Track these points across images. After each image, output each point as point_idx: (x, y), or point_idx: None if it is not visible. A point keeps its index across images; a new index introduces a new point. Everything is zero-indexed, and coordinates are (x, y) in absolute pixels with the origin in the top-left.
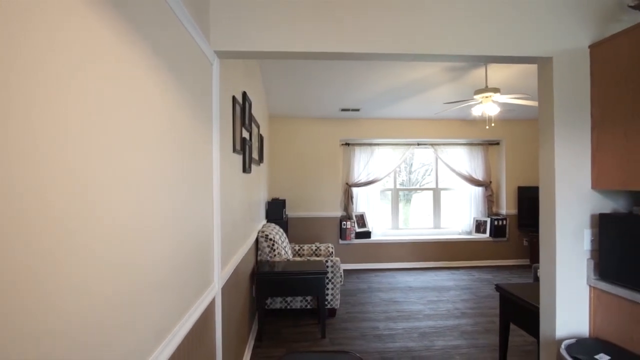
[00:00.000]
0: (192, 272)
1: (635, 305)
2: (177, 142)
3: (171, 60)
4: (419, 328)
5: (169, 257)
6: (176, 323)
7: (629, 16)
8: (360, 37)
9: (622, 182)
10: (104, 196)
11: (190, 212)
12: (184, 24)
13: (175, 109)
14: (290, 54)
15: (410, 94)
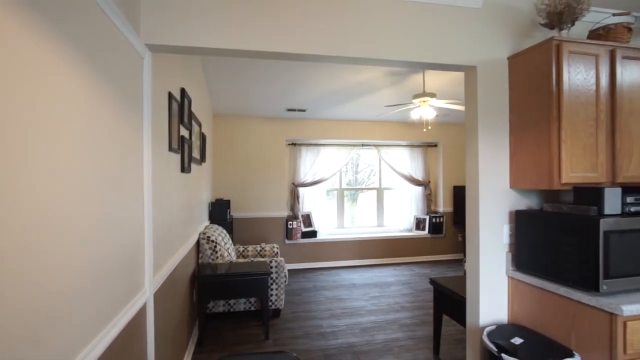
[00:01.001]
0: (117, 278)
1: (544, 292)
2: (96, 138)
3: (91, 53)
4: (361, 324)
5: (88, 264)
6: (95, 335)
7: (540, 33)
8: (300, 38)
9: (533, 183)
10: (6, 198)
11: (113, 214)
12: (107, 13)
13: (96, 105)
14: (228, 51)
15: (354, 96)
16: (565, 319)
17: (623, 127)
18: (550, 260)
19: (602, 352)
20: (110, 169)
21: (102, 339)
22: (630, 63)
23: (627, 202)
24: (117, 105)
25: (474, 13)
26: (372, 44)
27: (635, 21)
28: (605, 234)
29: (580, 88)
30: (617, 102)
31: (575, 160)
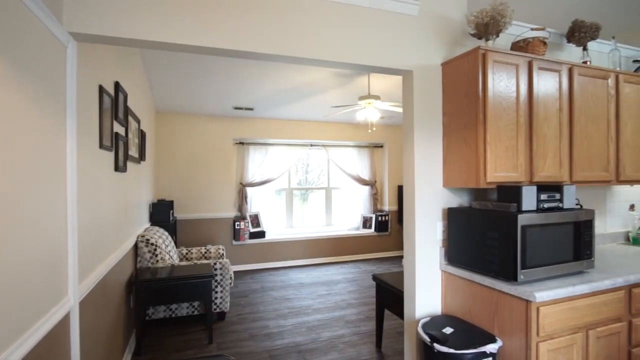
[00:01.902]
0: (29, 287)
1: (472, 283)
2: (3, 134)
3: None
4: (308, 322)
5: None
6: (3, 350)
7: (470, 42)
8: (238, 34)
9: (463, 182)
10: None
11: (26, 217)
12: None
13: (5, 98)
14: (161, 44)
15: (302, 96)
16: (490, 307)
17: (539, 131)
18: (478, 253)
19: (519, 335)
20: (22, 168)
21: (12, 352)
22: (545, 73)
23: (541, 199)
24: (32, 98)
25: (411, 21)
26: (312, 44)
27: (549, 36)
28: (523, 228)
29: (503, 95)
30: (534, 108)
31: (498, 161)
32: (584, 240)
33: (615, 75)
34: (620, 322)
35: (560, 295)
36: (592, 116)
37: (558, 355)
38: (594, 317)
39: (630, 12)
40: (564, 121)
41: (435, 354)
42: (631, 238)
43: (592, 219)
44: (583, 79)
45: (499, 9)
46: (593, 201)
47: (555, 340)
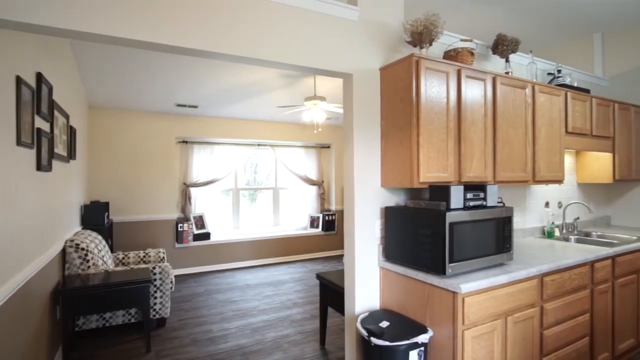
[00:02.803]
0: None
1: (407, 278)
2: None
3: None
4: (253, 324)
5: None
6: None
7: (407, 49)
8: (173, 29)
9: (398, 182)
10: None
11: None
12: None
13: None
14: (84, 34)
15: (249, 95)
16: (422, 300)
17: (466, 135)
18: (412, 249)
19: (447, 325)
20: None
21: None
22: (472, 81)
23: (467, 197)
24: None
25: (351, 25)
26: (252, 43)
27: (477, 47)
28: (450, 225)
29: (435, 100)
30: (462, 113)
31: (430, 162)
32: (504, 235)
33: (532, 85)
34: (534, 307)
35: (483, 286)
36: (513, 122)
37: (481, 341)
38: (512, 304)
39: (546, 30)
40: (488, 126)
41: (373, 347)
42: (546, 232)
43: (511, 216)
44: (505, 88)
45: (431, 19)
46: (515, 199)
47: (478, 327)
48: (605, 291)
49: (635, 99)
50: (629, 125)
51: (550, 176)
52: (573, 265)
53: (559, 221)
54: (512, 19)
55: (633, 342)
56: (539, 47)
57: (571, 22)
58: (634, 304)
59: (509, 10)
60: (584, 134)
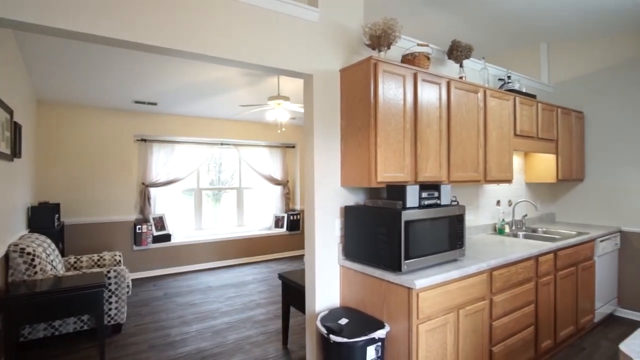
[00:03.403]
0: None
1: (365, 276)
2: None
3: None
4: (214, 326)
5: None
6: None
7: (366, 51)
8: (131, 24)
9: (357, 181)
10: None
11: None
12: None
13: None
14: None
15: (212, 93)
16: (380, 296)
17: (422, 136)
18: (370, 247)
19: (403, 320)
20: None
21: None
22: (427, 85)
23: (422, 197)
24: None
25: (311, 26)
26: (211, 41)
27: (433, 52)
28: (406, 223)
29: (392, 102)
30: (418, 115)
31: (387, 163)
32: (457, 232)
33: (484, 90)
34: (484, 300)
35: (437, 281)
36: (466, 125)
37: (434, 334)
38: (464, 297)
39: (498, 37)
40: (443, 128)
41: (332, 344)
42: (497, 229)
43: (463, 214)
44: (459, 92)
45: (389, 23)
46: (468, 198)
47: (432, 321)
48: (548, 283)
49: (576, 105)
50: (570, 129)
51: (500, 176)
52: (519, 260)
53: (509, 218)
54: (467, 26)
55: (573, 329)
56: (491, 53)
57: (520, 32)
58: (573, 294)
59: (463, 18)
60: (531, 136)
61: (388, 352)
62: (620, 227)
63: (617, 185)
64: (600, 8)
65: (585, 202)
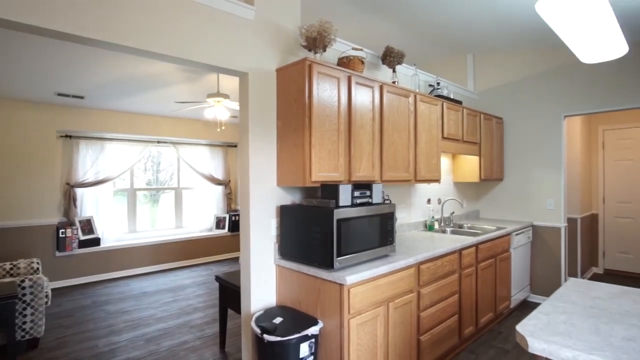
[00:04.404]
0: None
1: (300, 274)
2: None
3: None
4: (147, 334)
5: None
6: None
7: (303, 52)
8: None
9: (292, 181)
10: None
11: None
12: None
13: None
14: None
15: (147, 88)
16: (314, 294)
17: (356, 137)
18: (305, 246)
19: (335, 315)
20: None
21: None
22: (361, 88)
23: (355, 195)
24: None
25: (247, 24)
26: (142, 34)
27: (367, 56)
28: (338, 222)
29: (327, 103)
30: (352, 117)
31: (322, 163)
32: (387, 229)
33: (414, 95)
34: (412, 292)
35: (367, 276)
36: (398, 127)
37: (365, 327)
38: (393, 291)
39: (429, 46)
40: (376, 130)
41: (266, 344)
42: (427, 225)
43: (393, 212)
44: (391, 95)
45: (325, 26)
46: (401, 197)
47: (363, 315)
48: (470, 274)
49: (497, 111)
50: (491, 133)
51: (430, 176)
52: (445, 254)
53: (438, 215)
54: (401, 33)
55: (492, 315)
56: (424, 60)
57: (449, 42)
58: (492, 284)
59: (398, 25)
60: (457, 139)
61: (322, 348)
62: (532, 222)
63: (530, 184)
64: (515, 26)
65: (504, 200)
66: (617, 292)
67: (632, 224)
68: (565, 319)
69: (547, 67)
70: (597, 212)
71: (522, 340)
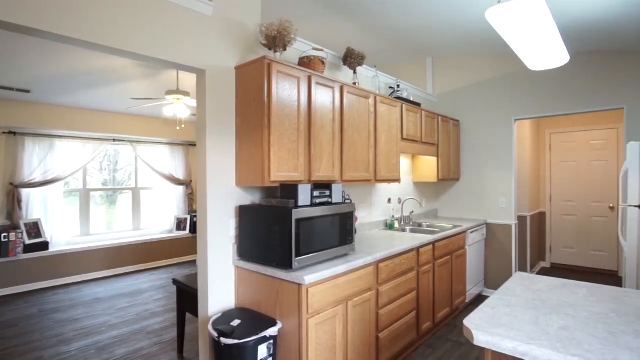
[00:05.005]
0: None
1: (259, 275)
2: None
3: None
4: (99, 342)
5: None
6: None
7: (263, 50)
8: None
9: (251, 181)
10: None
11: None
12: None
13: None
14: None
15: (101, 83)
16: (273, 295)
17: (316, 137)
18: (264, 247)
19: (294, 316)
20: None
21: None
22: (322, 88)
23: (315, 195)
24: None
25: (205, 20)
26: (93, 26)
27: (327, 57)
28: (297, 221)
29: (286, 103)
30: (312, 117)
31: (281, 162)
32: (347, 229)
33: (374, 96)
34: (371, 290)
35: (325, 276)
36: (358, 127)
37: (324, 326)
38: (352, 290)
39: (391, 49)
40: (336, 130)
41: (223, 347)
42: (388, 224)
43: (353, 211)
44: (351, 96)
45: (285, 25)
46: (363, 197)
47: (321, 314)
48: (428, 271)
49: (454, 114)
50: (448, 135)
51: (389, 176)
52: (403, 252)
53: (398, 215)
54: (363, 35)
55: (448, 310)
56: (385, 62)
57: (409, 46)
58: (449, 280)
59: (360, 27)
60: (416, 140)
61: (281, 349)
62: (486, 220)
63: (484, 184)
64: (471, 32)
65: (461, 199)
66: (557, 284)
67: (575, 221)
68: (509, 311)
69: (500, 73)
70: (544, 210)
71: (468, 333)
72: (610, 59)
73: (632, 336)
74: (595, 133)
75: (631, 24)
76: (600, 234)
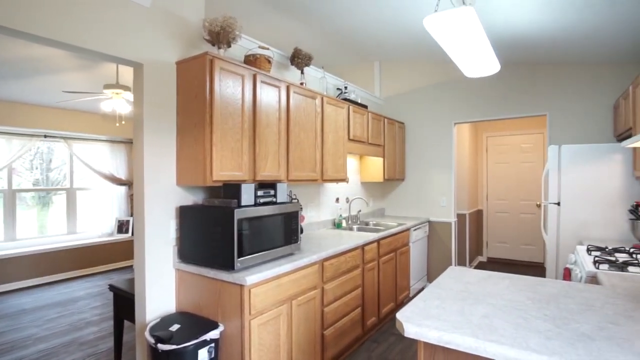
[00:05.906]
0: None
1: (201, 277)
2: None
3: None
4: (23, 358)
5: None
6: None
7: (206, 46)
8: None
9: (193, 180)
10: None
11: None
12: None
13: None
14: None
15: (29, 73)
16: (215, 297)
17: (261, 136)
18: (206, 248)
19: (236, 317)
20: None
21: None
22: (267, 87)
23: (259, 195)
24: None
25: (143, 11)
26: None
27: (274, 56)
28: (239, 221)
29: (230, 100)
30: (257, 116)
31: (224, 161)
32: (292, 228)
33: (321, 97)
34: (316, 289)
35: (268, 276)
36: (305, 127)
37: (267, 327)
38: (296, 289)
39: (339, 51)
40: (282, 129)
41: (160, 354)
42: (336, 223)
43: (298, 210)
44: (298, 96)
45: (229, 21)
46: (310, 196)
47: (264, 315)
48: (372, 268)
49: (399, 116)
50: (394, 137)
51: (336, 176)
52: (348, 250)
53: (346, 214)
54: (311, 36)
55: (392, 305)
56: (334, 64)
57: (357, 49)
58: (393, 276)
59: (308, 28)
60: (362, 141)
61: (222, 352)
62: (428, 218)
63: (427, 184)
64: (414, 38)
65: (406, 198)
66: (484, 276)
67: (507, 218)
68: (438, 303)
69: (441, 79)
70: (482, 208)
71: (400, 325)
72: (535, 69)
73: (542, 320)
74: (525, 137)
75: (548, 39)
76: (529, 230)
